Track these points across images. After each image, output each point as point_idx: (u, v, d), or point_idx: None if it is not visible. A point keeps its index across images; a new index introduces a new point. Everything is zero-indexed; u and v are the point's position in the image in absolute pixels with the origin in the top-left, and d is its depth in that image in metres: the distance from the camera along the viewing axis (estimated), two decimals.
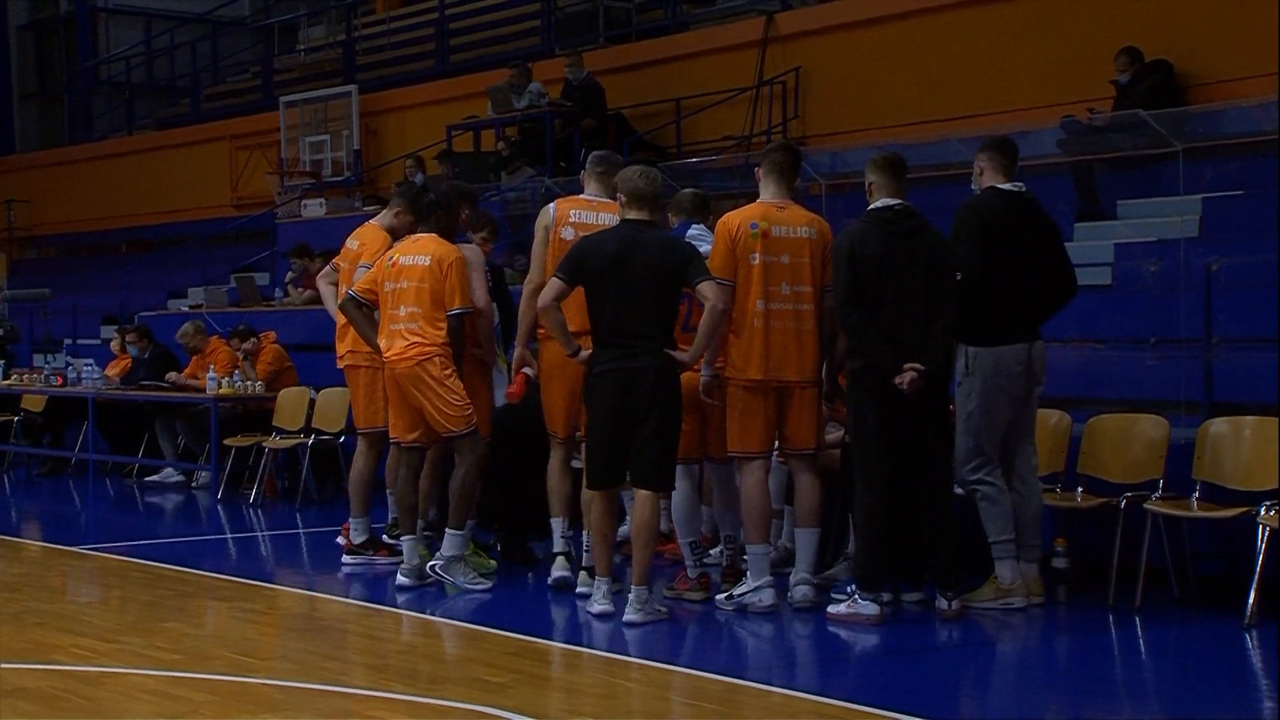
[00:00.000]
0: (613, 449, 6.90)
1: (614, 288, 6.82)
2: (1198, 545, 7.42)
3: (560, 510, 7.55)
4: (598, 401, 6.90)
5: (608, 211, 7.40)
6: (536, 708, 5.51)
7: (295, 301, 14.19)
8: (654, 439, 6.83)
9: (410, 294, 7.70)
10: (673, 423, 6.91)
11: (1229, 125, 10.15)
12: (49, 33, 26.68)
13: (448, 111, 16.81)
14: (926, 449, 6.90)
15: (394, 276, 7.79)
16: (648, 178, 7.02)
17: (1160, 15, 11.77)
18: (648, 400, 6.80)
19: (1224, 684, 6.06)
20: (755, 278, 7.00)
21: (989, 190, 7.09)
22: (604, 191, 7.52)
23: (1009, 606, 7.01)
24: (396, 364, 7.71)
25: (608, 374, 6.84)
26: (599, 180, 7.56)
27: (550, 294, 6.93)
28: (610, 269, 6.82)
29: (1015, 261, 6.97)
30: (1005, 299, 6.98)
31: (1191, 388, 8.13)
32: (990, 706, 5.91)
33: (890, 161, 7.00)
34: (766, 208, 7.14)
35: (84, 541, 9.97)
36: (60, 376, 14.01)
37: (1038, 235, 7.12)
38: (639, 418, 6.82)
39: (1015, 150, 7.21)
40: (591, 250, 6.91)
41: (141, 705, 5.60)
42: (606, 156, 7.74)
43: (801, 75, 14.31)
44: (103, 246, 23.42)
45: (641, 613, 6.84)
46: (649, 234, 6.92)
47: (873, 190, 7.01)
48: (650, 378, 6.79)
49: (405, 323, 7.70)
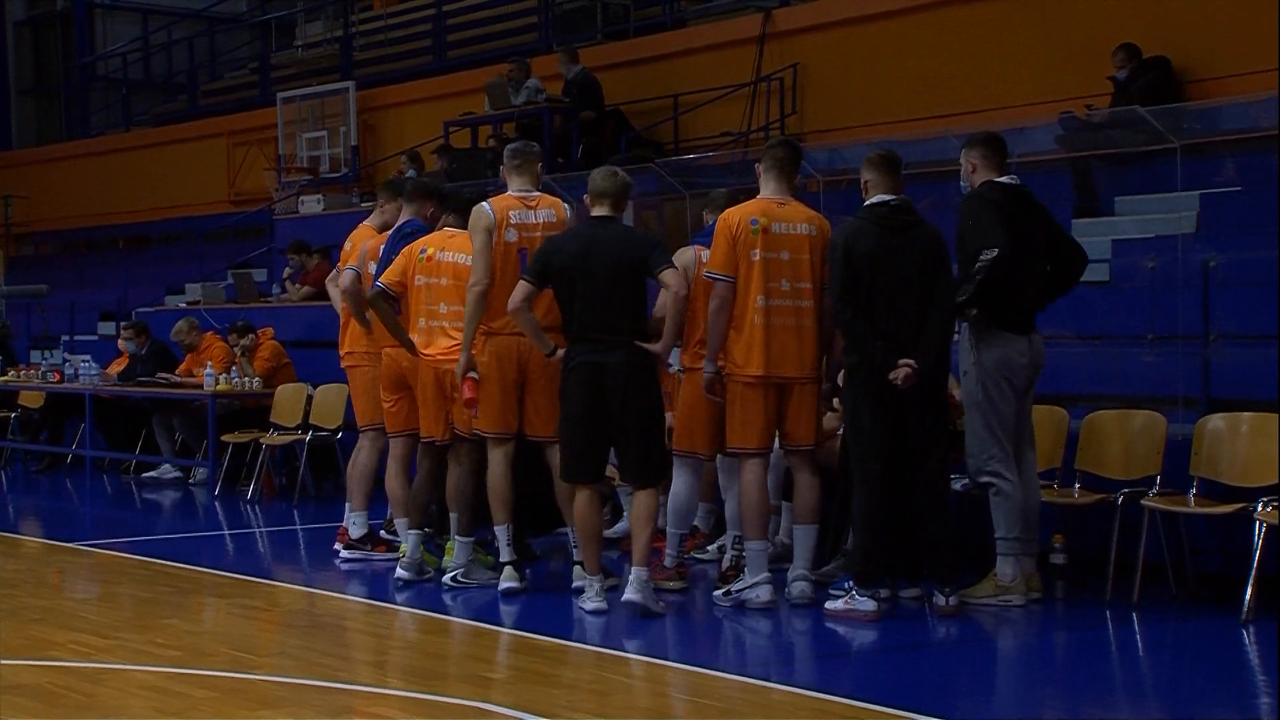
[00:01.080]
0: (588, 443, 6.96)
1: (580, 284, 6.91)
2: (1195, 541, 7.43)
3: (505, 517, 7.46)
4: (572, 396, 6.97)
5: (543, 207, 7.42)
6: (535, 704, 5.51)
7: (293, 298, 14.18)
8: (638, 433, 6.91)
9: (451, 291, 7.64)
10: (654, 415, 7.00)
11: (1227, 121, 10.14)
12: (46, 28, 26.66)
13: (445, 107, 16.81)
14: (923, 445, 6.91)
15: (428, 271, 7.74)
16: (612, 176, 7.12)
17: (1158, 11, 11.78)
18: (622, 394, 6.86)
19: (1221, 680, 6.07)
20: (756, 274, 7.01)
21: (986, 184, 7.09)
22: (529, 184, 7.51)
23: (1007, 603, 7.01)
24: (442, 363, 7.65)
25: (580, 368, 6.92)
26: (517, 173, 7.52)
27: (519, 296, 7.00)
28: (574, 266, 6.91)
29: (1018, 254, 6.97)
30: (1010, 290, 6.98)
31: (1189, 384, 8.14)
32: (988, 703, 5.91)
33: (885, 159, 7.01)
34: (767, 204, 7.15)
35: (82, 538, 9.96)
36: (58, 373, 14.01)
37: (1037, 227, 7.13)
38: (615, 412, 6.88)
39: (1004, 144, 7.22)
40: (555, 250, 7.02)
41: (140, 702, 5.59)
42: (520, 148, 7.66)
43: (799, 71, 14.31)
44: (100, 243, 23.42)
45: (640, 593, 6.90)
46: (611, 229, 7.01)
47: (868, 187, 7.02)
48: (622, 371, 6.86)
49: (449, 320, 7.65)
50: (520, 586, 7.44)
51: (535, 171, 7.58)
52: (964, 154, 7.20)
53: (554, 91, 15.28)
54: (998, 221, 6.90)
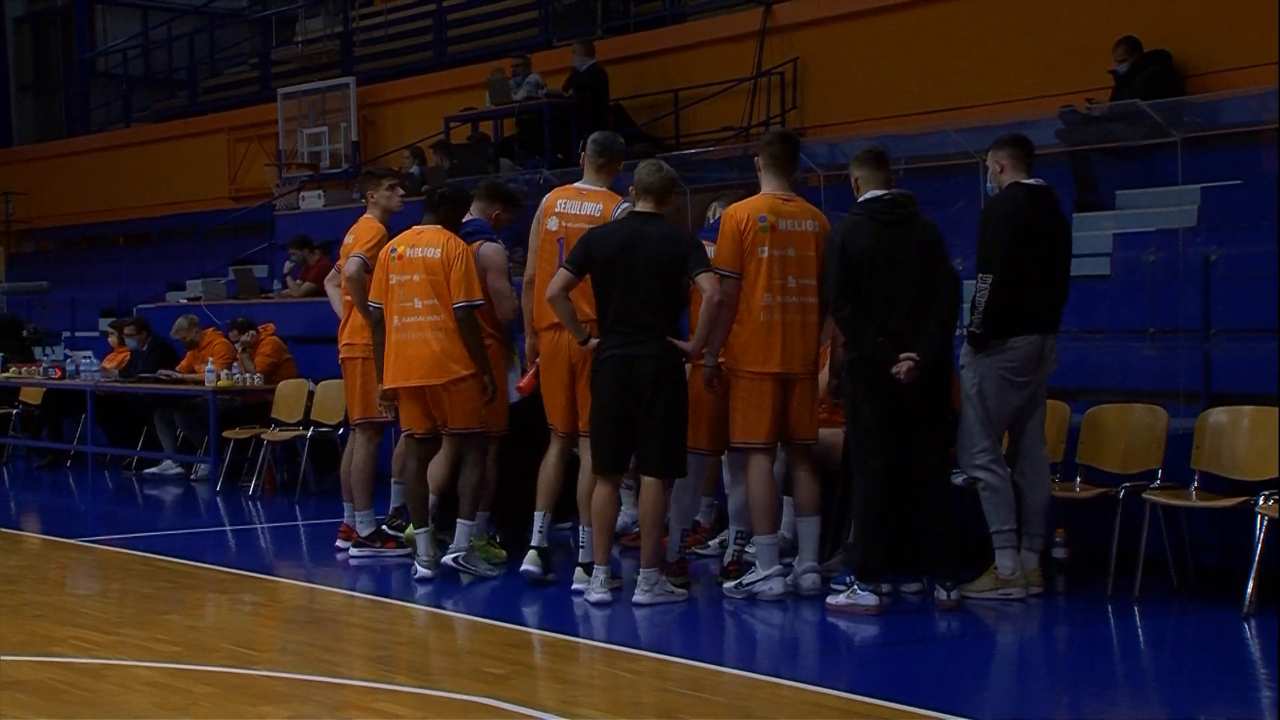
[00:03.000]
0: (617, 434, 6.98)
1: (620, 278, 6.93)
2: (1196, 535, 7.43)
3: (546, 504, 7.52)
4: (601, 387, 7.00)
5: (593, 201, 7.39)
6: (537, 699, 5.52)
7: (294, 294, 14.18)
8: (661, 427, 6.92)
9: (424, 287, 7.65)
10: (679, 410, 7.02)
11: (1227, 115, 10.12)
12: (46, 24, 26.63)
13: (446, 103, 16.80)
14: (924, 439, 6.91)
15: (401, 269, 7.75)
16: (657, 171, 7.12)
17: (1158, 5, 11.76)
18: (651, 387, 6.89)
19: (1222, 674, 6.07)
20: (764, 271, 7.03)
21: (1014, 186, 7.09)
22: (599, 180, 7.48)
23: (1007, 597, 7.02)
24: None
25: (611, 360, 6.96)
26: (594, 170, 7.51)
27: (558, 284, 7.01)
28: (615, 260, 6.93)
29: (1039, 255, 6.98)
30: (1028, 291, 6.98)
31: (1190, 378, 8.14)
32: (989, 697, 5.91)
33: (872, 154, 7.02)
34: (773, 200, 7.16)
35: (83, 534, 9.97)
36: (59, 369, 14.02)
37: (1059, 230, 7.15)
38: (643, 405, 6.91)
39: (1031, 145, 7.22)
40: (597, 241, 7.03)
41: (141, 697, 5.60)
42: (608, 144, 7.54)
43: (800, 66, 14.30)
44: (101, 239, 23.40)
45: (650, 594, 6.94)
46: (654, 226, 7.02)
47: (859, 184, 7.03)
48: (652, 364, 6.89)
49: (425, 315, 7.67)
50: (539, 573, 7.45)
51: (614, 173, 7.54)
52: (991, 154, 7.20)
53: (554, 86, 15.27)
54: (1007, 239, 6.90)
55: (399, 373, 7.77)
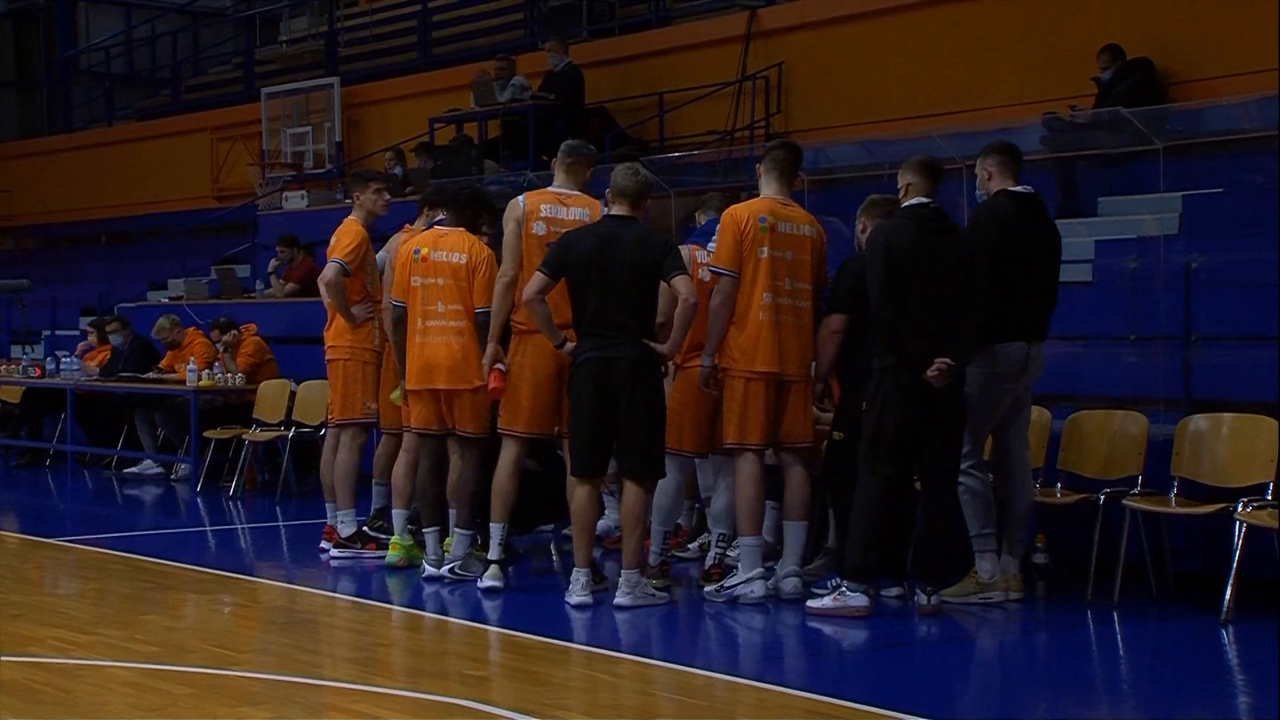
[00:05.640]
0: (595, 437, 6.99)
1: (595, 281, 6.94)
2: (1176, 541, 7.45)
3: (503, 515, 7.43)
4: (579, 390, 7.01)
5: (577, 206, 7.41)
6: (517, 702, 5.50)
7: (277, 294, 14.15)
8: (640, 429, 6.94)
9: (449, 291, 7.62)
10: (657, 413, 7.03)
11: (1209, 123, 10.17)
12: (28, 21, 26.50)
13: (430, 104, 16.78)
14: (937, 449, 6.88)
15: (424, 272, 7.70)
16: (633, 175, 7.14)
17: (1142, 13, 11.81)
18: (629, 390, 6.90)
19: (1200, 679, 6.09)
20: (762, 272, 7.06)
21: (1001, 193, 7.11)
22: (572, 183, 7.51)
23: (987, 601, 7.03)
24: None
25: (588, 363, 6.97)
26: (567, 172, 7.54)
27: (534, 288, 7.00)
28: (591, 263, 6.93)
29: (1026, 261, 7.00)
30: (1015, 297, 6.99)
31: (1170, 384, 8.17)
32: (969, 702, 5.92)
33: (925, 163, 7.03)
34: (773, 203, 7.20)
35: (62, 533, 9.93)
36: (39, 367, 13.95)
37: (1047, 237, 7.18)
38: (621, 408, 6.91)
39: (1019, 152, 7.26)
40: (573, 245, 7.03)
41: (119, 698, 5.57)
42: (578, 148, 7.64)
43: (784, 70, 14.32)
44: (82, 238, 23.30)
45: (631, 596, 6.94)
46: (629, 229, 7.03)
47: (909, 190, 7.02)
48: (628, 367, 6.90)
49: (449, 319, 7.65)
50: (501, 586, 7.43)
51: (584, 173, 7.57)
52: (979, 161, 7.23)
53: (537, 87, 15.26)
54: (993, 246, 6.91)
55: (423, 376, 7.75)
